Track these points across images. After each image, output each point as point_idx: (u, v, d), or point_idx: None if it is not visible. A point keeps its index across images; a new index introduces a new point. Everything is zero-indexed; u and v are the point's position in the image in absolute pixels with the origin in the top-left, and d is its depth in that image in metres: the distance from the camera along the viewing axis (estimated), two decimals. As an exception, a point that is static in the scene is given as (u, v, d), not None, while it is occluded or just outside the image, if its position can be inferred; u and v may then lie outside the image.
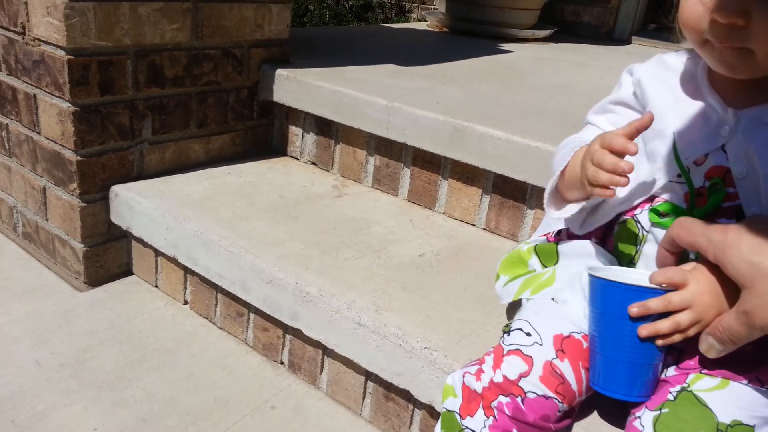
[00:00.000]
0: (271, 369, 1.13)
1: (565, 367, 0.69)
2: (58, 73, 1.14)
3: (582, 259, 0.76)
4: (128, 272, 1.36)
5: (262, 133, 1.55)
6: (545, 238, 0.86)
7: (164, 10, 1.23)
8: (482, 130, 1.18)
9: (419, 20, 3.32)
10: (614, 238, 0.77)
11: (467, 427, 0.70)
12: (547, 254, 0.82)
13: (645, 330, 0.62)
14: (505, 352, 0.71)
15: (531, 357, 0.69)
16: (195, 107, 1.37)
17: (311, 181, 1.42)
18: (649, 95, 0.74)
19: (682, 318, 0.60)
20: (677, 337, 0.62)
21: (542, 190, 1.15)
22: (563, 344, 0.71)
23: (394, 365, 0.90)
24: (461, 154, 1.22)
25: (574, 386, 0.69)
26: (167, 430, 0.96)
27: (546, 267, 0.81)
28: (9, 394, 0.99)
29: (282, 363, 1.13)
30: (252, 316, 1.15)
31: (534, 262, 0.83)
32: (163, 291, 1.31)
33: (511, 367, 0.69)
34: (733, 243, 0.57)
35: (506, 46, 2.27)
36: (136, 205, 1.23)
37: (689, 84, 0.72)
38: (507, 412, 0.68)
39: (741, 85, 0.67)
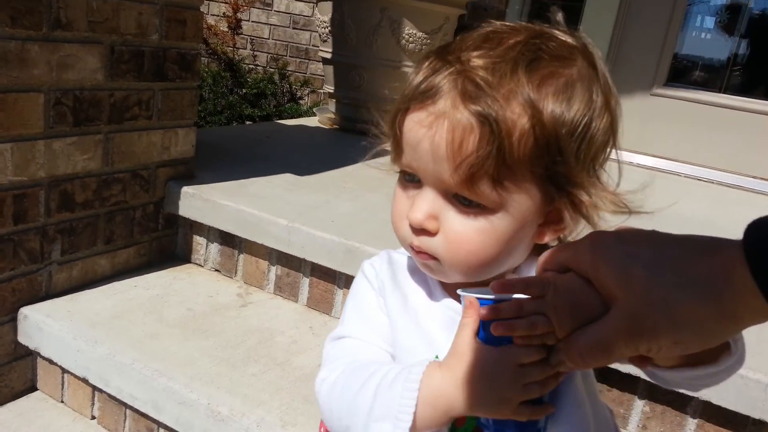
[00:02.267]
0: (182, 480, 1.21)
1: None
2: (-28, 208, 1.20)
3: None
4: (33, 388, 1.38)
5: (166, 242, 1.65)
6: None
7: (78, 143, 1.33)
8: (371, 251, 1.37)
9: (311, 109, 3.55)
10: None
11: None
12: None
13: (501, 327, 0.53)
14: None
15: None
16: (103, 226, 1.46)
17: (216, 290, 1.54)
18: (390, 307, 0.69)
19: (537, 320, 0.52)
20: (535, 341, 0.53)
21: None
22: None
23: (301, 476, 1.03)
24: (354, 269, 1.40)
25: None
26: None
27: None
28: None
29: (192, 473, 1.22)
30: (162, 431, 1.23)
31: None
32: (70, 406, 1.35)
33: None
34: (606, 244, 0.49)
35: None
36: (46, 327, 1.28)
37: (422, 287, 0.69)
38: None
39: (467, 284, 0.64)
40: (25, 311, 1.31)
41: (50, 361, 1.33)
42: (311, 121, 2.88)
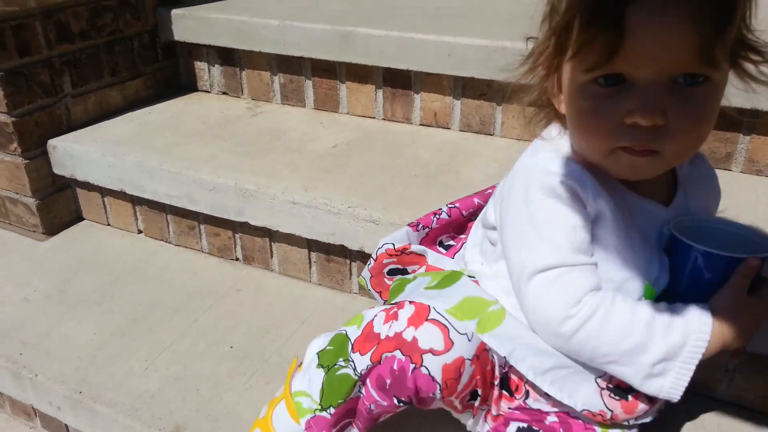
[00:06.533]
0: (229, 265, 1.34)
1: (467, 373, 0.70)
2: (-26, 43, 1.24)
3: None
4: (79, 218, 1.51)
5: (170, 73, 1.69)
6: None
7: (58, -31, 1.33)
8: (364, 31, 1.38)
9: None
10: None
11: (353, 361, 0.73)
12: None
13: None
14: (430, 317, 0.70)
15: (453, 342, 0.68)
16: (105, 57, 1.49)
17: (227, 107, 1.59)
18: (594, 221, 0.70)
19: None
20: None
21: (424, 75, 1.39)
22: (481, 353, 0.70)
23: (328, 228, 1.13)
24: (351, 56, 1.42)
25: (459, 388, 0.70)
26: (155, 321, 1.16)
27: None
28: (12, 325, 1.16)
29: (237, 259, 1.34)
30: (202, 226, 1.35)
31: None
32: (116, 227, 1.48)
33: (429, 336, 0.68)
34: None
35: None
36: (75, 152, 1.37)
37: (613, 195, 0.69)
38: (395, 366, 0.69)
39: (653, 180, 0.68)
40: (53, 142, 1.39)
41: (88, 187, 1.43)
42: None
